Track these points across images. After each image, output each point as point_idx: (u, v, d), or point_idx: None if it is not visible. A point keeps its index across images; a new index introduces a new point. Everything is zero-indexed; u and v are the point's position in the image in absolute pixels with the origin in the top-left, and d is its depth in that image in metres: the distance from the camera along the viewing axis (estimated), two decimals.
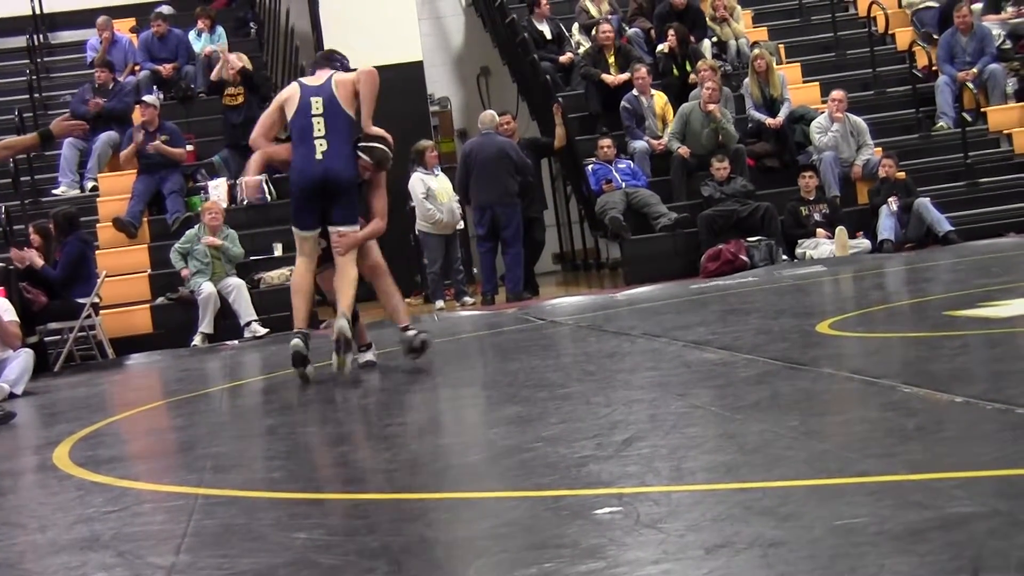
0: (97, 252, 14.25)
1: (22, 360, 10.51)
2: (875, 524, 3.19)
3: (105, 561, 3.85)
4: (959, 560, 2.83)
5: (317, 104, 8.41)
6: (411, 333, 8.70)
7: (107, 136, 16.26)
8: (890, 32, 17.64)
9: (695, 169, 15.13)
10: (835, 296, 11.31)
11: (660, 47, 16.63)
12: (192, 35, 17.92)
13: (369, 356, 8.97)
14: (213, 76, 16.28)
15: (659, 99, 15.81)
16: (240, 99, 15.84)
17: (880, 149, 15.36)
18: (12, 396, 10.19)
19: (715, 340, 7.69)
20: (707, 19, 17.19)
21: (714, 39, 17.12)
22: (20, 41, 19.30)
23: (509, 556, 3.38)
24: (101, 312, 13.65)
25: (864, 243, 14.42)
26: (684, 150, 15.09)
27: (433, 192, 14.80)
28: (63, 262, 13.19)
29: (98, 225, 15.16)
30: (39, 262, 12.97)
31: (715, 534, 3.28)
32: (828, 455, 4.18)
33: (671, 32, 16.36)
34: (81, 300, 13.02)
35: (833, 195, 14.86)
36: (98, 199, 15.86)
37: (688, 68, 16.18)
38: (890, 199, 14.42)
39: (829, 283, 11.94)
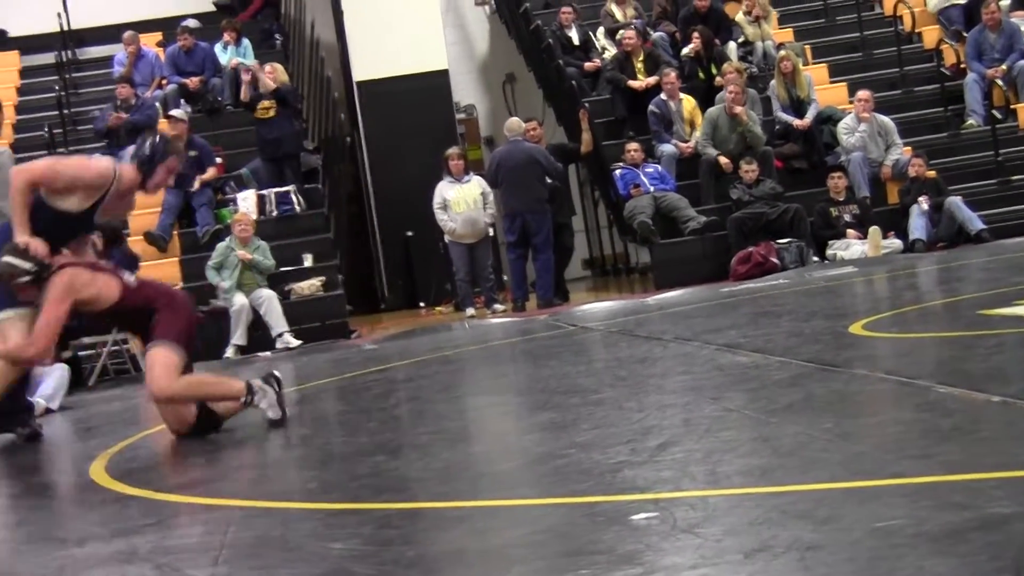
0: None
1: (57, 375, 10.57)
2: (913, 525, 3.16)
3: (144, 574, 3.86)
4: (999, 561, 2.81)
5: None
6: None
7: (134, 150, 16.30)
8: (917, 31, 17.60)
9: (724, 172, 15.10)
10: (867, 297, 11.27)
11: (685, 50, 16.62)
12: (218, 48, 17.99)
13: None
14: (243, 97, 16.29)
15: (687, 103, 15.79)
16: (272, 112, 15.87)
17: (909, 148, 15.30)
18: (49, 411, 10.24)
19: (747, 343, 7.67)
20: (740, 19, 17.15)
21: (740, 40, 17.10)
22: (49, 58, 19.42)
23: (545, 563, 3.37)
24: None
25: (896, 243, 14.37)
26: (725, 160, 15.02)
27: (449, 202, 14.84)
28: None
29: (129, 239, 15.23)
30: None
31: (752, 538, 3.26)
32: (864, 457, 4.15)
33: (696, 35, 16.35)
34: None
35: (863, 195, 14.81)
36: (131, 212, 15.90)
37: (714, 71, 16.16)
38: (920, 198, 14.37)
39: (861, 284, 11.90)
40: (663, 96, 15.72)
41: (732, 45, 16.96)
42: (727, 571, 3.05)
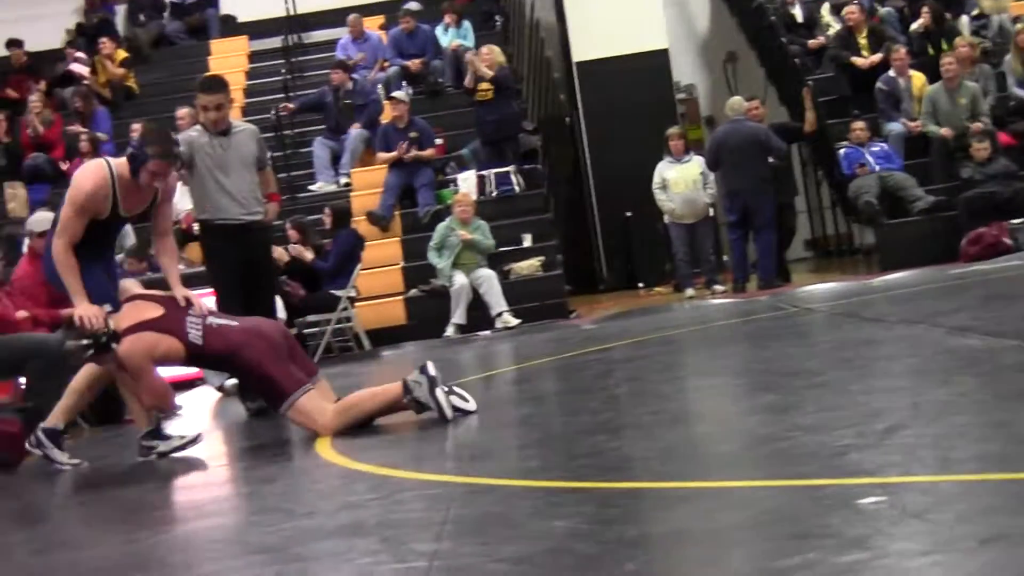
0: None
1: None
2: None
3: (370, 547, 3.92)
4: None
5: None
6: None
7: (358, 132, 16.65)
8: None
9: (954, 150, 14.69)
10: None
11: (914, 25, 16.20)
12: (439, 30, 18.19)
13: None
14: (467, 83, 16.41)
15: (917, 79, 15.36)
16: (491, 95, 15.95)
17: None
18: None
19: (978, 326, 7.42)
20: None
21: (974, 13, 16.59)
22: (275, 42, 19.90)
23: (771, 545, 3.31)
24: (357, 304, 13.96)
25: None
26: (947, 131, 14.65)
27: (668, 182, 14.80)
28: (336, 253, 13.49)
29: (352, 219, 15.52)
30: (309, 256, 13.33)
31: (988, 526, 3.16)
32: None
33: (925, 10, 15.93)
34: (338, 293, 13.33)
35: None
36: (351, 194, 16.24)
37: (944, 47, 15.70)
38: None
39: None
40: (892, 73, 15.36)
41: (964, 19, 16.46)
42: (960, 559, 2.95)
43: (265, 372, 6.69)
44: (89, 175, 7.00)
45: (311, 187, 16.67)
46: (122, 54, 19.34)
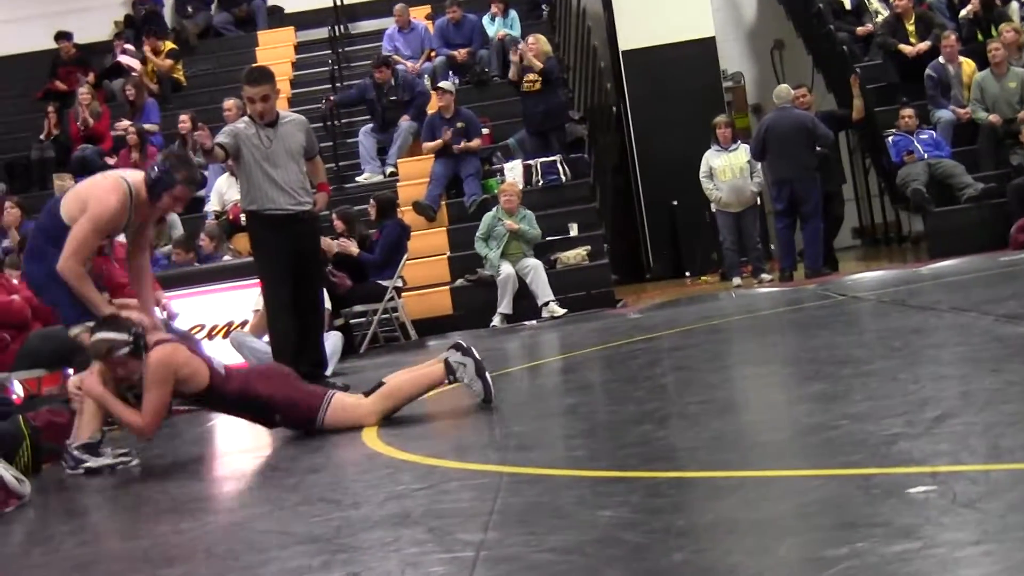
0: None
1: (331, 342, 10.90)
2: None
3: (417, 537, 3.93)
4: None
5: None
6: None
7: (408, 125, 16.66)
8: None
9: (1003, 137, 14.56)
10: None
11: (963, 12, 16.07)
12: (486, 20, 18.20)
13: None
14: (512, 76, 16.37)
15: (967, 66, 15.23)
16: (538, 86, 15.92)
17: None
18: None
19: None
20: None
21: None
22: (322, 32, 19.95)
23: (820, 535, 3.29)
24: (403, 295, 13.98)
25: None
26: (995, 118, 14.53)
27: (715, 170, 14.77)
28: (382, 244, 13.49)
29: (399, 209, 15.55)
30: (355, 250, 13.33)
31: None
32: None
33: None
34: (384, 283, 13.35)
35: None
36: (398, 184, 16.26)
37: (993, 33, 15.57)
38: None
39: None
40: (941, 60, 15.24)
41: (1015, 5, 16.31)
42: (1013, 548, 2.92)
43: (287, 397, 6.69)
44: (112, 193, 6.90)
45: (357, 178, 16.70)
46: (169, 45, 19.44)
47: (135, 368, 6.56)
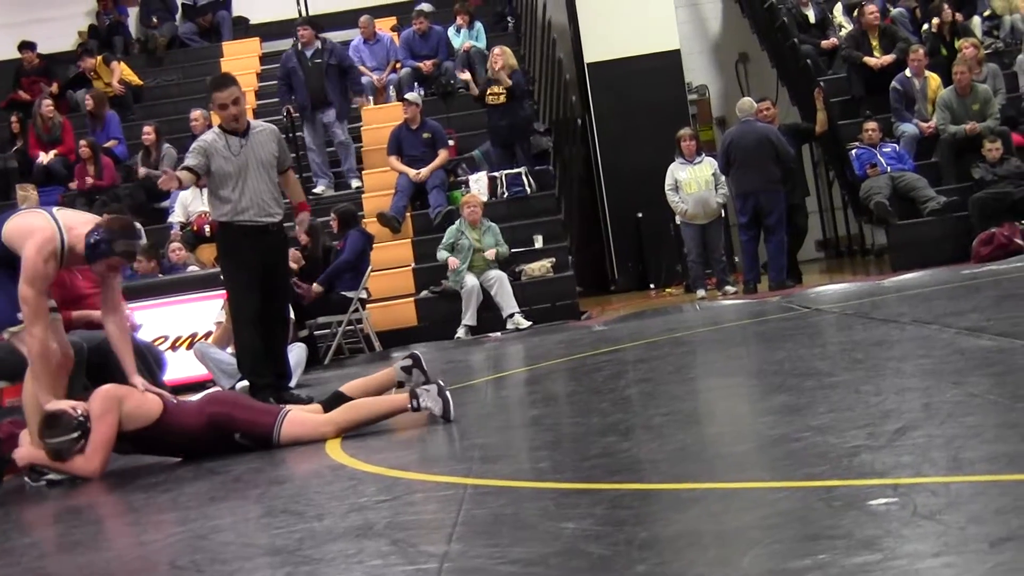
0: None
1: (295, 353, 10.85)
2: None
3: (380, 549, 3.92)
4: None
5: None
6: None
7: (345, 140, 16.61)
8: None
9: (966, 151, 14.65)
10: None
11: (926, 26, 16.18)
12: (451, 31, 18.20)
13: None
14: (475, 92, 16.34)
15: (932, 81, 15.32)
16: (503, 98, 15.92)
17: None
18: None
19: (990, 327, 7.41)
20: None
21: (986, 14, 16.55)
22: (288, 44, 19.87)
23: (782, 547, 3.31)
24: (368, 306, 13.96)
25: None
26: (970, 126, 14.60)
27: (680, 183, 14.81)
28: (350, 247, 13.43)
29: (359, 221, 15.52)
30: (295, 266, 13.16)
31: (1000, 527, 3.14)
32: None
33: (946, 6, 15.88)
34: (349, 294, 13.33)
35: None
36: (363, 195, 16.23)
37: (957, 47, 15.67)
38: None
39: None
40: (908, 73, 15.33)
41: (976, 19, 16.43)
42: (972, 560, 2.94)
43: (241, 418, 6.69)
44: (39, 255, 6.66)
45: (315, 190, 16.48)
46: (125, 69, 19.36)
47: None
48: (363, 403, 6.91)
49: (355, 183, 16.62)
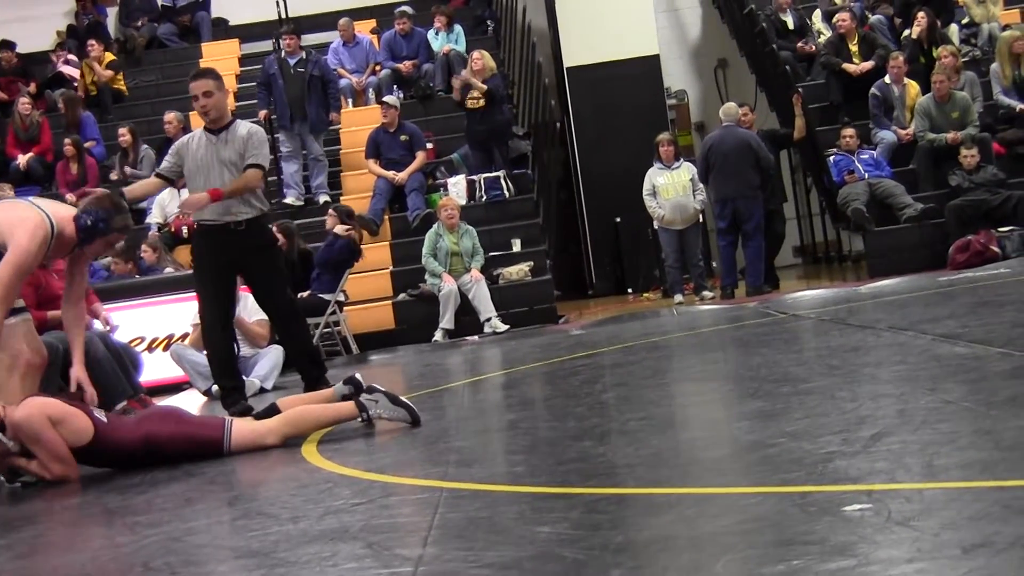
0: None
1: (271, 357, 10.85)
2: None
3: (355, 552, 3.91)
4: None
5: None
6: None
7: (321, 153, 16.59)
8: None
9: (943, 158, 14.70)
10: None
11: (906, 33, 16.23)
12: (431, 34, 18.20)
13: None
14: (455, 97, 16.32)
15: (911, 88, 15.37)
16: (481, 103, 15.91)
17: None
18: (263, 391, 10.50)
19: (966, 333, 7.43)
20: (967, 0, 16.66)
21: (964, 22, 16.61)
22: (267, 45, 19.86)
23: (756, 552, 3.31)
24: (345, 308, 13.94)
25: None
26: (952, 135, 14.63)
27: (659, 188, 14.83)
28: (333, 246, 13.41)
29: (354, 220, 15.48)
30: None
31: (973, 533, 3.15)
32: None
33: (922, 16, 15.93)
34: (326, 296, 13.31)
35: None
36: (342, 197, 16.20)
37: (935, 54, 15.73)
38: None
39: None
40: (887, 80, 15.39)
41: (954, 27, 16.50)
42: (945, 566, 2.95)
43: (184, 433, 6.60)
44: (32, 240, 6.69)
45: (284, 200, 16.23)
46: (110, 56, 19.30)
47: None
48: (309, 410, 6.84)
49: (323, 198, 16.32)
